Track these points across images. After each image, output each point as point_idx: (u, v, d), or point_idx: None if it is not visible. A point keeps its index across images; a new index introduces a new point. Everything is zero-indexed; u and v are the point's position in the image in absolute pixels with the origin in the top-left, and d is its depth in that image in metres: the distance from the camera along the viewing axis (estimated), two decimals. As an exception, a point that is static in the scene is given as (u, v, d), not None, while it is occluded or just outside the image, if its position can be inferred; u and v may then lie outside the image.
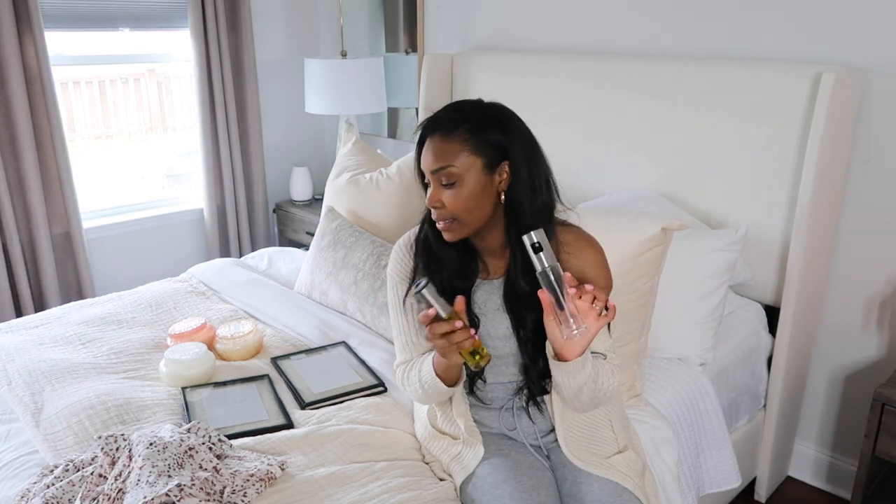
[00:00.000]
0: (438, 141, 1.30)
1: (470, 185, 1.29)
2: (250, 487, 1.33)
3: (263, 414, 1.64)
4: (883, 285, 2.05)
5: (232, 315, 2.17)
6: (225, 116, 3.21)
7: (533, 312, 1.34)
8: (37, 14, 2.63)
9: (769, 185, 2.04)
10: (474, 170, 1.29)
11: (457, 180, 1.29)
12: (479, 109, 1.33)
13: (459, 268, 1.41)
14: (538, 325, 1.33)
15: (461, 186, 1.29)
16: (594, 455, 1.43)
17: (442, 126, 1.31)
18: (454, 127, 1.29)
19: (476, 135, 1.29)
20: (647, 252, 1.70)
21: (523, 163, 1.31)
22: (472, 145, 1.28)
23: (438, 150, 1.30)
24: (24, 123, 2.67)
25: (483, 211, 1.31)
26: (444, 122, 1.31)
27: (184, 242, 3.38)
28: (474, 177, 1.29)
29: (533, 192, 1.32)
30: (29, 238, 2.82)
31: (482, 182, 1.29)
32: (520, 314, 1.37)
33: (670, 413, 1.76)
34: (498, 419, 1.49)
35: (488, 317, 1.41)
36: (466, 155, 1.28)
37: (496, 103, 1.37)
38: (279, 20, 3.45)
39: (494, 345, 1.42)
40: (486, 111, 1.33)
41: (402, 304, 1.48)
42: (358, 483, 1.40)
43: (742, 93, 2.03)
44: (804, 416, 2.32)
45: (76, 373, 1.79)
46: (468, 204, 1.29)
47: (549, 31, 2.63)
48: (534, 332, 1.37)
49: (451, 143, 1.29)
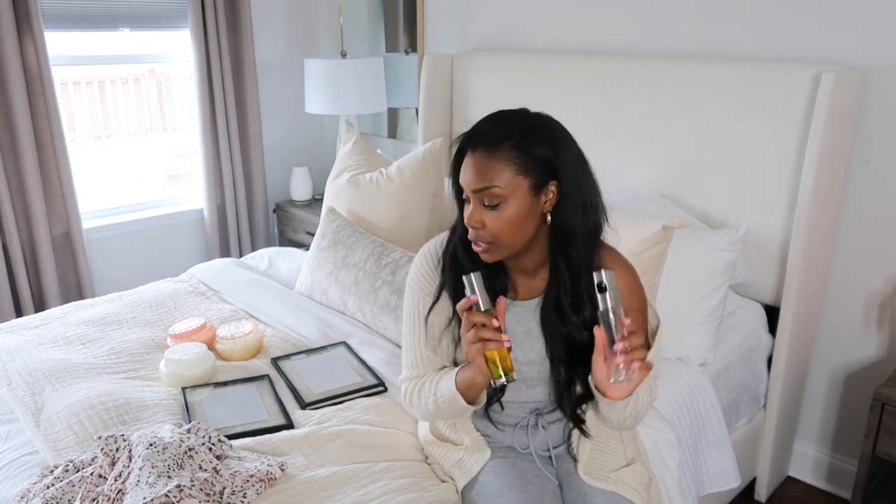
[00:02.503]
0: (481, 157, 1.19)
1: (514, 206, 1.19)
2: (250, 488, 1.33)
3: (264, 414, 1.64)
4: (883, 285, 2.05)
5: (232, 315, 2.17)
6: (225, 116, 3.21)
7: (569, 338, 1.28)
8: (37, 14, 2.63)
9: (769, 186, 2.04)
10: (520, 191, 1.18)
11: (500, 201, 1.19)
12: (525, 122, 1.22)
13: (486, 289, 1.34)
14: (572, 351, 1.28)
15: (505, 208, 1.19)
16: (601, 468, 1.41)
17: (485, 141, 1.19)
18: (499, 142, 1.18)
19: (523, 151, 1.18)
20: (647, 251, 1.70)
21: (573, 181, 1.20)
22: (518, 163, 1.18)
23: (481, 167, 1.18)
24: (24, 123, 2.67)
25: (526, 233, 1.22)
26: (488, 137, 1.19)
27: (184, 242, 3.38)
28: (520, 198, 1.19)
29: (584, 212, 1.22)
30: (29, 238, 2.82)
31: (528, 204, 1.19)
32: (556, 338, 1.30)
33: (670, 413, 1.76)
34: (511, 436, 1.44)
35: (517, 340, 1.33)
36: (512, 174, 1.17)
37: (543, 115, 1.26)
38: (279, 20, 3.45)
39: (521, 369, 1.34)
40: (533, 124, 1.22)
41: (424, 320, 1.38)
42: (358, 484, 1.40)
43: (742, 93, 2.03)
44: (804, 416, 2.32)
45: (76, 373, 1.79)
46: (511, 227, 1.20)
47: (549, 31, 2.63)
48: (566, 358, 1.30)
49: (495, 160, 1.18)
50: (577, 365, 1.31)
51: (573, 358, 1.30)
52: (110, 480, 1.32)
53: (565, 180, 1.21)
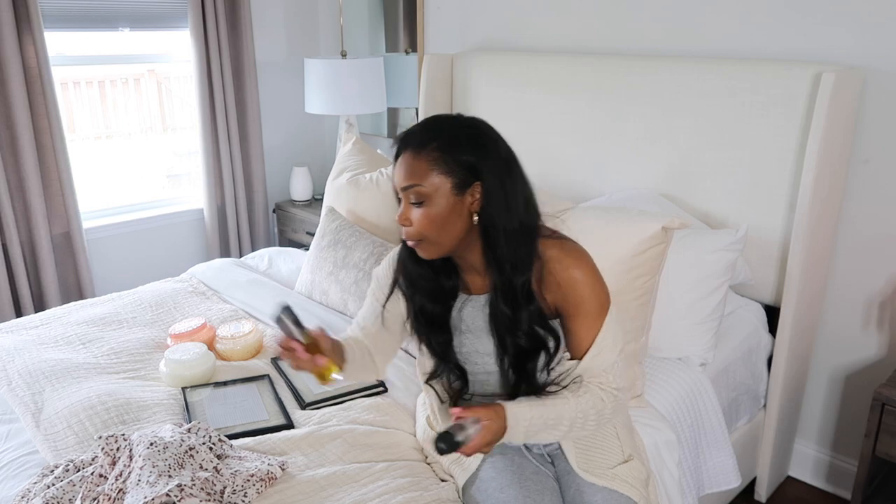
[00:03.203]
0: (409, 157, 1.26)
1: (438, 205, 1.25)
2: (251, 487, 1.33)
3: (264, 414, 1.64)
4: (883, 285, 2.05)
5: (232, 315, 2.17)
6: (225, 116, 3.21)
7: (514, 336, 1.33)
8: (37, 14, 2.63)
9: (769, 185, 2.04)
10: (443, 190, 1.24)
11: (425, 199, 1.25)
12: (453, 126, 1.28)
13: (433, 289, 1.38)
14: (519, 347, 1.32)
15: (429, 206, 1.25)
16: (599, 465, 1.42)
17: (413, 142, 1.26)
18: (425, 144, 1.25)
19: (447, 153, 1.24)
20: (647, 251, 1.70)
21: (497, 183, 1.26)
22: (442, 164, 1.24)
23: (408, 167, 1.26)
24: (24, 123, 2.67)
25: (453, 232, 1.27)
26: (416, 139, 1.27)
27: (184, 242, 3.38)
28: (443, 197, 1.24)
29: (508, 212, 1.27)
30: (29, 238, 2.82)
31: (451, 203, 1.25)
32: (503, 336, 1.34)
33: (670, 413, 1.76)
34: None
35: (476, 333, 1.38)
36: (436, 174, 1.24)
37: (475, 120, 1.31)
38: (279, 20, 3.45)
39: (484, 361, 1.40)
40: (461, 129, 1.28)
41: (381, 306, 1.47)
42: (359, 483, 1.40)
43: (742, 93, 2.03)
44: (804, 416, 2.32)
45: (76, 373, 1.79)
46: (436, 224, 1.26)
47: (549, 31, 2.63)
48: (515, 354, 1.35)
49: (420, 160, 1.24)
50: (525, 360, 1.34)
51: (520, 353, 1.33)
52: (111, 480, 1.32)
53: (488, 181, 1.26)
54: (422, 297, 1.39)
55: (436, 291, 1.39)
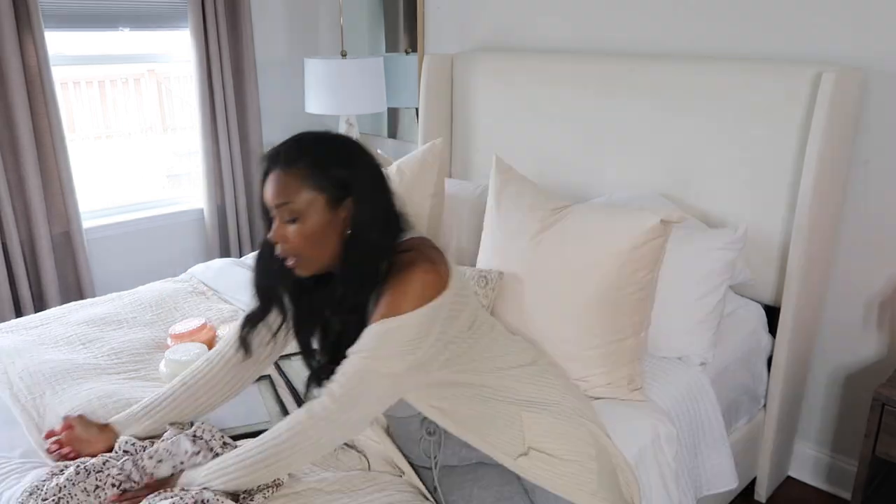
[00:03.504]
0: (279, 175, 1.24)
1: (312, 221, 1.24)
2: (258, 492, 1.32)
3: (265, 415, 1.64)
4: (883, 285, 2.05)
5: (232, 315, 2.17)
6: (225, 116, 3.20)
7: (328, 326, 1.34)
8: (37, 14, 2.63)
9: (769, 186, 2.04)
10: (316, 206, 1.23)
11: (298, 216, 1.24)
12: (321, 143, 1.28)
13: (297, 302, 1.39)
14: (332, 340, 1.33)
15: (303, 223, 1.24)
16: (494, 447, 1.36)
17: (282, 160, 1.25)
18: (295, 160, 1.24)
19: (318, 168, 1.23)
20: (646, 244, 1.69)
21: (368, 197, 1.25)
22: (313, 181, 1.23)
23: (279, 184, 1.24)
24: (24, 123, 2.67)
25: (328, 246, 1.26)
26: (285, 156, 1.25)
27: (184, 242, 3.37)
28: (316, 213, 1.24)
29: (376, 230, 1.26)
30: (29, 238, 2.82)
31: (325, 218, 1.24)
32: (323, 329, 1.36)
33: (669, 413, 1.76)
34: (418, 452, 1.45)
35: None
36: (307, 190, 1.23)
37: (342, 136, 1.33)
38: (279, 20, 3.45)
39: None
40: (329, 145, 1.28)
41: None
42: (365, 491, 1.39)
43: (742, 93, 2.03)
44: (804, 416, 2.32)
45: (76, 374, 1.79)
46: (310, 241, 1.25)
47: (549, 31, 2.63)
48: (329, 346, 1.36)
49: (291, 177, 1.23)
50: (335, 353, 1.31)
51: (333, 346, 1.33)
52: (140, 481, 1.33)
53: (359, 195, 1.26)
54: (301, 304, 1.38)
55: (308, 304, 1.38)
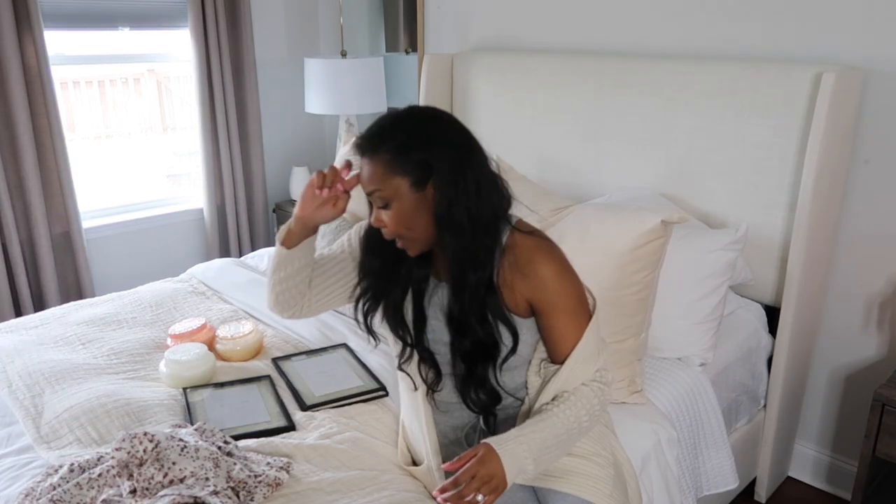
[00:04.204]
0: (367, 163, 1.27)
1: (401, 205, 1.26)
2: (258, 491, 1.33)
3: (265, 415, 1.64)
4: (883, 286, 2.05)
5: (232, 315, 2.17)
6: (225, 116, 3.20)
7: (464, 327, 1.30)
8: (37, 14, 2.62)
9: (769, 185, 2.04)
10: (402, 190, 1.25)
11: (389, 201, 1.26)
12: (402, 126, 1.28)
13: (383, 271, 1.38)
14: (472, 341, 1.30)
15: (393, 207, 1.26)
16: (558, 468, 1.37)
17: (367, 147, 1.27)
18: (378, 148, 1.26)
19: (400, 153, 1.24)
20: (646, 245, 1.69)
21: (446, 179, 1.24)
22: (396, 166, 1.24)
23: (368, 172, 1.27)
24: (24, 123, 2.66)
25: (423, 227, 1.27)
26: (369, 143, 1.27)
27: (184, 242, 3.37)
28: (403, 197, 1.25)
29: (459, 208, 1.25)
30: (29, 238, 2.81)
31: (413, 200, 1.25)
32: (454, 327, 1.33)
33: (670, 413, 1.76)
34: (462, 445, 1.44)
35: (441, 320, 1.37)
36: (393, 177, 1.24)
37: (426, 113, 1.32)
38: (279, 20, 3.44)
39: (445, 351, 1.37)
40: (410, 127, 1.28)
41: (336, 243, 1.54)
42: (364, 491, 1.39)
43: (742, 93, 2.03)
44: (804, 416, 2.32)
45: (76, 373, 1.79)
46: (404, 222, 1.27)
47: (549, 31, 2.63)
48: (468, 348, 1.32)
49: (377, 164, 1.25)
50: (477, 355, 1.32)
51: (474, 345, 1.31)
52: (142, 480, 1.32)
53: (440, 177, 1.24)
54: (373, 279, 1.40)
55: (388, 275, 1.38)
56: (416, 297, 1.39)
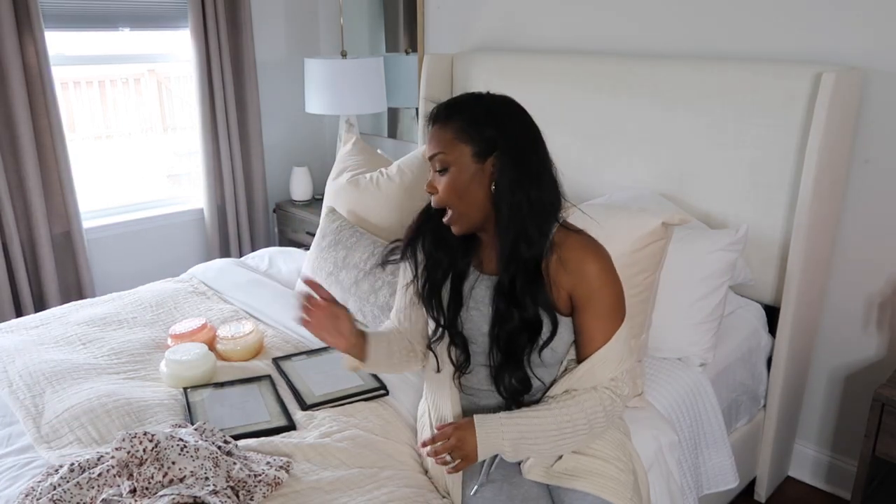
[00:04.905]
0: (436, 130, 1.34)
1: (458, 172, 1.31)
2: (258, 491, 1.33)
3: (265, 415, 1.64)
4: (883, 285, 2.05)
5: (232, 315, 2.17)
6: (225, 116, 3.21)
7: (510, 309, 1.33)
8: (37, 14, 2.63)
9: (769, 185, 2.04)
10: (463, 157, 1.30)
11: (447, 166, 1.32)
12: (478, 103, 1.35)
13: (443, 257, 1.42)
14: (515, 324, 1.33)
15: (451, 173, 1.31)
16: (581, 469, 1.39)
17: (441, 116, 1.35)
18: (451, 117, 1.33)
19: (470, 125, 1.31)
20: (647, 247, 1.69)
21: (513, 157, 1.29)
22: (463, 134, 1.30)
23: (435, 137, 1.34)
24: (24, 123, 2.67)
25: (474, 200, 1.32)
26: (444, 113, 1.35)
27: (184, 242, 3.38)
28: (462, 164, 1.30)
29: (521, 187, 1.29)
30: (29, 238, 2.82)
31: (471, 170, 1.30)
32: (498, 316, 1.35)
33: (670, 413, 1.76)
34: None
35: (482, 311, 1.39)
36: (458, 142, 1.31)
37: (500, 97, 1.37)
38: (279, 20, 3.45)
39: (482, 341, 1.40)
40: (485, 105, 1.34)
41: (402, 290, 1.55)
42: (363, 489, 1.40)
43: (742, 93, 2.03)
44: (804, 416, 2.32)
45: (76, 373, 1.79)
46: (457, 191, 1.31)
47: (549, 31, 2.63)
48: (506, 339, 1.35)
49: (446, 130, 1.32)
50: (514, 348, 1.34)
51: (514, 331, 1.34)
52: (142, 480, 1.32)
53: (503, 154, 1.29)
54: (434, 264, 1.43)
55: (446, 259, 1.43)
56: (455, 282, 1.43)
